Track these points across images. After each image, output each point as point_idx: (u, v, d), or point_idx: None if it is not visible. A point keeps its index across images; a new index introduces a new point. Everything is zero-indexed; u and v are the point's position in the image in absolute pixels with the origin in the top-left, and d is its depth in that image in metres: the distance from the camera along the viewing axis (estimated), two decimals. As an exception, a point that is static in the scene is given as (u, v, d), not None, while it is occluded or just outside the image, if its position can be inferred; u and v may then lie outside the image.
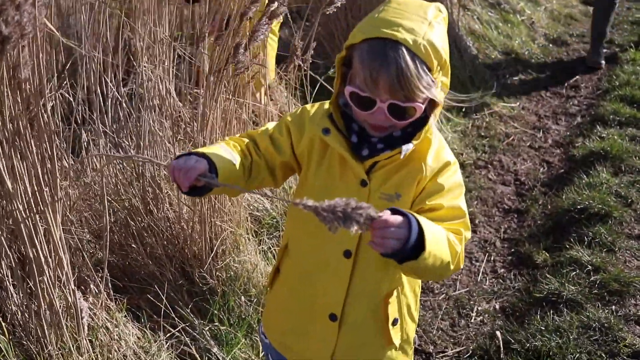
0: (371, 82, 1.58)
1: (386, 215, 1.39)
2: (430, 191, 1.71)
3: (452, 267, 1.60)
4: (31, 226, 2.07)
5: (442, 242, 1.56)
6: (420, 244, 1.45)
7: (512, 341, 3.02)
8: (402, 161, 1.70)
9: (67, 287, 2.30)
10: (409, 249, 1.43)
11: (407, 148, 1.66)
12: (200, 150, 1.70)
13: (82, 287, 2.58)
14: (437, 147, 1.75)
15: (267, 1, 2.69)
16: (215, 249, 2.96)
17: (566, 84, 6.26)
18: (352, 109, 1.70)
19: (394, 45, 1.56)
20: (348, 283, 1.81)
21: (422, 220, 1.49)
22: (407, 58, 1.55)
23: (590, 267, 3.43)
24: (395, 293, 1.84)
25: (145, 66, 2.84)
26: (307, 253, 1.88)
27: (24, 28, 1.51)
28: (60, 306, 2.31)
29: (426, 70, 1.59)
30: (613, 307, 3.17)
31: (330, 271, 1.81)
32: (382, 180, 1.72)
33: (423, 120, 1.69)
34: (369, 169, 1.73)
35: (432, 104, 1.67)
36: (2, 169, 1.97)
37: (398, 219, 1.42)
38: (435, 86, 1.63)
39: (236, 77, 2.85)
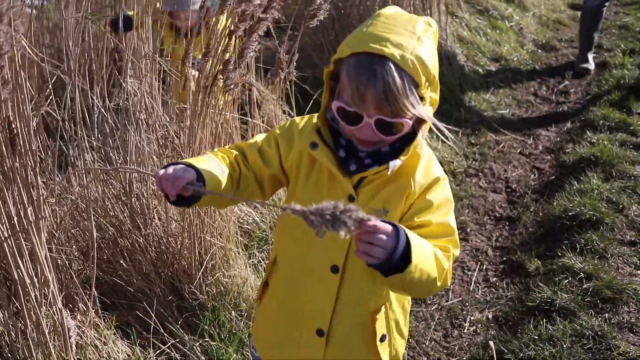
0: (358, 97, 1.56)
1: (376, 221, 1.38)
2: (419, 207, 1.70)
3: (438, 283, 1.59)
4: (14, 246, 2.04)
5: (429, 256, 1.55)
6: (406, 256, 1.44)
7: (506, 351, 3.01)
8: (391, 176, 1.68)
9: (54, 307, 2.27)
10: (396, 260, 1.42)
11: (395, 164, 1.65)
12: (188, 160, 1.69)
13: (70, 305, 2.55)
14: (426, 163, 1.73)
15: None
16: (205, 264, 2.93)
17: (556, 90, 6.26)
18: (339, 124, 1.69)
19: (382, 61, 1.54)
20: (335, 299, 1.79)
21: (410, 233, 1.47)
22: (395, 73, 1.53)
23: (582, 274, 3.41)
24: (383, 309, 1.82)
25: (130, 81, 2.82)
26: (294, 267, 1.86)
27: (0, 48, 1.49)
28: (47, 325, 2.28)
29: (414, 86, 1.57)
30: (606, 314, 3.16)
31: (317, 287, 1.79)
32: (369, 196, 1.71)
33: (412, 135, 1.68)
34: (356, 184, 1.71)
35: (420, 119, 1.66)
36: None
37: (387, 226, 1.41)
38: (424, 102, 1.61)
39: (225, 93, 2.83)
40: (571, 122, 5.56)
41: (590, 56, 6.62)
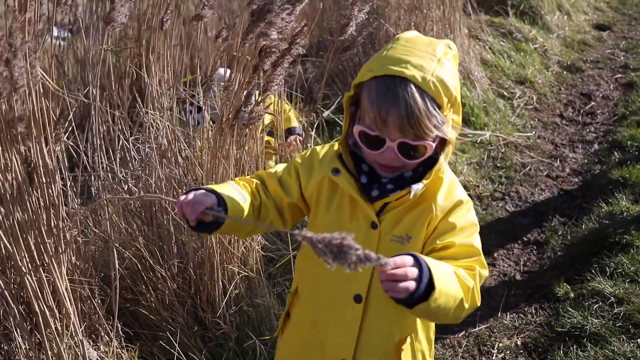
0: (380, 120, 1.55)
1: (393, 258, 1.34)
2: (442, 230, 1.67)
3: (466, 305, 1.53)
4: (33, 280, 2.05)
5: (451, 278, 1.51)
6: (429, 283, 1.40)
7: (535, 379, 2.94)
8: (413, 202, 1.66)
9: (75, 338, 2.26)
10: (423, 289, 1.38)
11: (417, 188, 1.62)
12: (209, 186, 1.68)
13: (94, 336, 2.55)
14: (448, 186, 1.71)
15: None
16: (228, 293, 2.92)
17: (582, 111, 6.20)
18: (361, 149, 1.67)
19: (403, 83, 1.53)
20: (359, 329, 1.76)
21: (428, 259, 1.44)
22: (417, 95, 1.52)
23: (613, 298, 3.33)
24: (408, 340, 1.78)
25: (152, 113, 2.85)
26: (316, 297, 1.84)
27: (16, 82, 1.50)
28: (68, 356, 2.28)
29: (436, 108, 1.55)
30: (639, 340, 3.07)
31: (340, 317, 1.77)
32: (393, 222, 1.68)
33: (434, 160, 1.66)
34: (379, 211, 1.69)
35: (443, 142, 1.64)
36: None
37: (406, 258, 1.37)
38: (446, 124, 1.60)
39: (249, 126, 2.84)
40: (598, 143, 5.49)
41: None
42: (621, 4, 9.41)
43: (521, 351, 3.19)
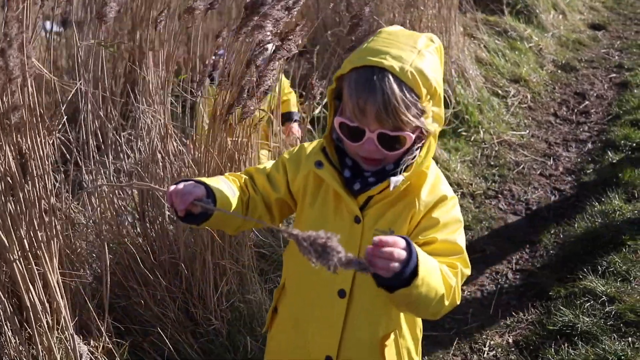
0: (359, 111, 1.55)
1: (389, 236, 1.33)
2: (424, 226, 1.66)
3: (446, 302, 1.53)
4: (25, 271, 2.04)
5: (435, 272, 1.50)
6: (414, 270, 1.38)
7: (526, 376, 2.94)
8: (397, 196, 1.66)
9: (66, 332, 2.26)
10: (408, 273, 1.37)
11: (397, 180, 1.62)
12: (200, 179, 1.68)
13: (84, 330, 2.54)
14: (432, 181, 1.71)
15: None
16: (220, 289, 2.91)
17: (576, 110, 6.21)
18: (344, 143, 1.67)
19: (381, 73, 1.53)
20: (342, 324, 1.76)
21: (418, 248, 1.43)
22: (394, 85, 1.52)
23: (604, 297, 3.34)
24: (392, 336, 1.78)
25: (146, 108, 2.84)
26: (301, 294, 1.84)
27: (11, 73, 1.50)
28: (59, 351, 2.28)
29: (414, 98, 1.55)
30: (630, 338, 3.08)
31: (324, 313, 1.77)
32: (376, 217, 1.68)
33: (417, 153, 1.66)
34: (363, 205, 1.69)
35: (424, 135, 1.64)
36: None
37: (401, 240, 1.36)
38: (426, 116, 1.59)
39: (242, 121, 2.83)
40: (592, 142, 5.50)
41: None
42: (616, 4, 9.43)
43: (512, 349, 3.20)
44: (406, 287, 1.39)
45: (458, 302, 1.59)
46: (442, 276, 1.52)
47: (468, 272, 1.63)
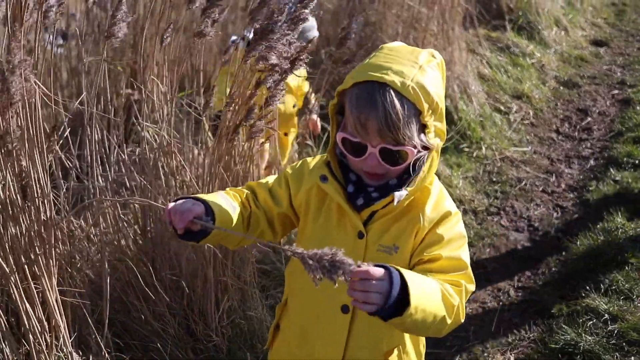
0: (360, 126, 1.56)
1: (368, 266, 1.34)
2: (429, 242, 1.66)
3: (448, 321, 1.53)
4: (23, 291, 2.03)
5: (434, 295, 1.49)
6: (404, 298, 1.38)
7: (528, 396, 2.92)
8: (401, 212, 1.66)
9: (64, 350, 2.24)
10: (392, 303, 1.37)
11: (400, 195, 1.62)
12: (199, 195, 1.68)
13: (82, 345, 2.52)
14: (436, 197, 1.71)
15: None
16: (221, 305, 2.90)
17: (578, 127, 6.20)
18: (347, 158, 1.67)
19: (382, 88, 1.54)
20: (346, 339, 1.76)
21: (407, 273, 1.42)
22: (395, 100, 1.52)
23: (607, 316, 3.32)
24: (396, 352, 1.78)
25: (148, 125, 2.84)
26: (304, 309, 1.83)
27: (12, 97, 1.50)
28: (57, 368, 2.26)
29: (416, 114, 1.56)
30: (632, 357, 3.06)
31: (328, 328, 1.76)
32: (380, 232, 1.68)
33: (420, 167, 1.66)
34: (366, 220, 1.69)
35: (428, 150, 1.64)
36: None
37: (379, 270, 1.36)
38: (428, 131, 1.60)
39: (250, 140, 2.83)
40: (594, 159, 5.49)
41: None
42: (618, 20, 9.45)
43: (514, 367, 3.18)
44: (398, 317, 1.39)
45: (462, 320, 1.58)
46: (443, 298, 1.51)
47: (472, 287, 1.63)
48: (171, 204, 1.61)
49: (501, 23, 7.52)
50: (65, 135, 2.58)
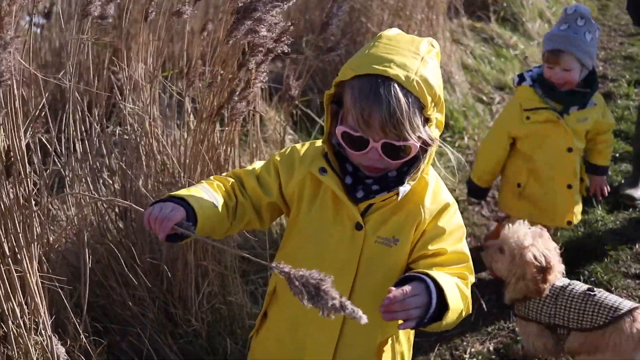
0: (363, 121, 1.53)
1: (399, 290, 1.38)
2: (431, 235, 1.66)
3: (464, 314, 1.58)
4: (2, 272, 1.99)
5: (456, 293, 1.52)
6: (441, 302, 1.43)
7: (507, 385, 2.94)
8: (399, 203, 1.65)
9: (43, 334, 2.20)
10: (433, 313, 1.41)
11: (405, 190, 1.61)
12: (179, 193, 1.63)
13: (60, 330, 2.49)
14: (434, 188, 1.70)
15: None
16: (202, 290, 2.87)
17: (560, 119, 6.21)
18: (346, 151, 1.65)
19: (386, 82, 1.51)
20: (339, 332, 1.74)
21: (440, 277, 1.45)
22: (400, 95, 1.50)
23: (586, 307, 3.34)
24: (389, 341, 1.77)
25: (130, 106, 2.79)
26: (295, 298, 1.81)
27: (2, 75, 1.46)
28: (35, 351, 2.22)
29: (420, 108, 1.54)
30: (610, 349, 3.08)
31: (321, 319, 1.74)
32: (378, 224, 1.66)
33: (417, 159, 1.64)
34: (364, 212, 1.67)
35: (425, 142, 1.62)
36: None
37: (414, 287, 1.40)
38: (430, 124, 1.58)
39: (232, 123, 2.79)
40: (576, 151, 5.50)
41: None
42: (601, 15, 9.49)
43: (493, 356, 3.19)
44: (438, 322, 1.44)
45: (471, 311, 1.61)
46: (460, 293, 1.55)
47: (473, 278, 1.67)
48: (149, 210, 1.56)
49: (485, 14, 7.51)
50: (44, 113, 2.52)
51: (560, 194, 3.48)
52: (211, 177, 1.82)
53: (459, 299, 1.52)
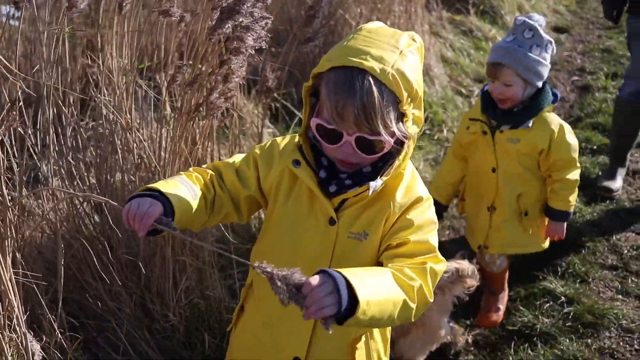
0: (337, 114, 1.51)
1: (306, 279, 1.31)
2: (398, 227, 1.64)
3: (413, 305, 1.48)
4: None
5: (384, 282, 1.45)
6: (352, 297, 1.34)
7: (485, 377, 2.94)
8: (372, 198, 1.63)
9: (18, 331, 2.17)
10: (346, 304, 1.33)
11: (376, 185, 1.59)
12: (156, 186, 1.61)
13: (35, 326, 2.45)
14: (407, 182, 1.68)
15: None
16: (180, 285, 2.85)
17: (538, 112, 6.24)
18: (321, 144, 1.63)
19: (360, 75, 1.49)
20: (313, 325, 1.73)
21: (346, 270, 1.37)
22: (374, 88, 1.47)
23: (564, 298, 3.38)
24: (363, 338, 1.76)
25: (105, 98, 2.75)
26: (270, 294, 1.79)
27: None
28: (9, 348, 2.19)
29: (395, 102, 1.52)
30: (587, 340, 3.11)
31: (295, 314, 1.73)
32: (351, 219, 1.65)
33: (394, 155, 1.63)
34: (338, 207, 1.66)
35: (404, 137, 1.60)
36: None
37: (315, 278, 1.32)
38: (406, 119, 1.56)
39: (210, 117, 2.77)
40: (553, 144, 5.53)
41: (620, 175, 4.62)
42: (579, 8, 9.54)
43: (472, 348, 3.20)
44: (352, 317, 1.34)
45: (431, 300, 1.54)
46: (398, 282, 1.47)
47: (442, 266, 1.60)
48: (127, 206, 1.53)
49: (464, 6, 7.52)
50: (19, 105, 2.48)
51: (482, 215, 3.33)
52: (190, 169, 1.80)
53: (389, 288, 1.44)
